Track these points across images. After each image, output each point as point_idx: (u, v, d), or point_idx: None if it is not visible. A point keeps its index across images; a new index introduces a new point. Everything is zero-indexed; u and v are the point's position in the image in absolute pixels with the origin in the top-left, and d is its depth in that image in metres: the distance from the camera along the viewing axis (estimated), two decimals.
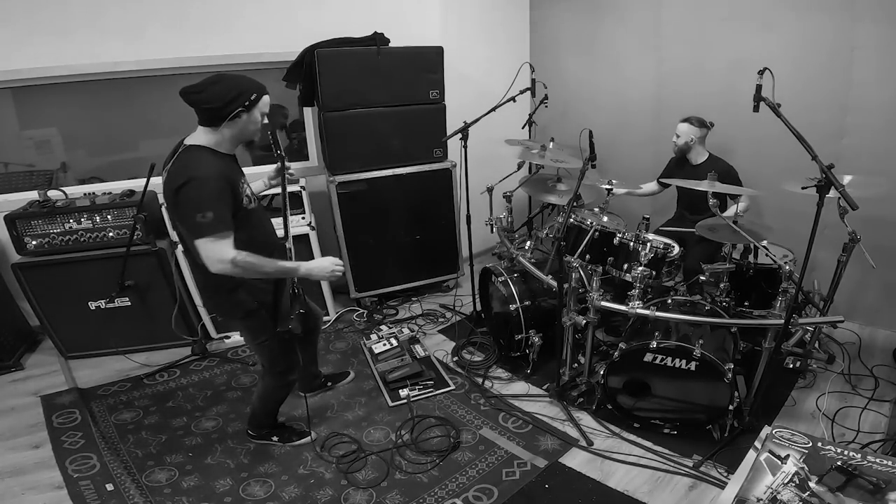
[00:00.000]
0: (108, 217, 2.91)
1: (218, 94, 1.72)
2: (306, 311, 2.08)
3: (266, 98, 1.82)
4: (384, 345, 3.02)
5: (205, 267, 1.80)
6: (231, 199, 1.77)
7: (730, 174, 2.85)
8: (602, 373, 2.34)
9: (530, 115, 3.94)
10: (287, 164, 2.07)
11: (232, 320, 2.18)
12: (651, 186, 3.39)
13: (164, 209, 2.88)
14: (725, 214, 2.44)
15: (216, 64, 3.28)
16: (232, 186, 1.78)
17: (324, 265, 1.96)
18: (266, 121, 1.86)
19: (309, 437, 2.37)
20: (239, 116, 1.76)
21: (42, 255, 2.88)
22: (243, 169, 1.99)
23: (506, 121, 3.55)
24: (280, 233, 2.06)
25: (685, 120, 3.00)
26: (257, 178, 2.23)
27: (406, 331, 3.24)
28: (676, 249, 2.62)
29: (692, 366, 2.16)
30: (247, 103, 1.75)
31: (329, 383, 2.76)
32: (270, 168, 2.20)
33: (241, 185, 1.85)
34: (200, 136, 1.80)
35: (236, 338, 3.26)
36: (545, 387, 2.70)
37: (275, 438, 2.36)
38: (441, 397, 2.67)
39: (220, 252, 1.71)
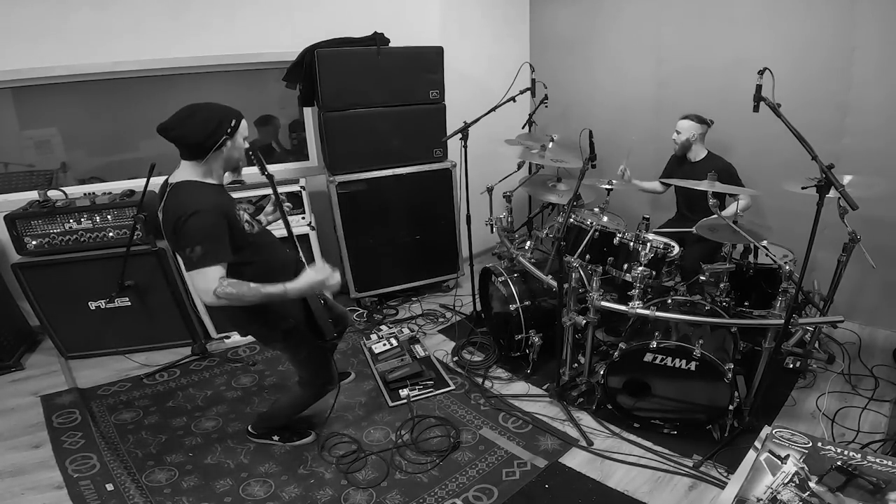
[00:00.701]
0: (108, 217, 2.91)
1: (197, 126, 1.71)
2: (335, 317, 2.09)
3: (244, 122, 1.82)
4: (384, 345, 3.02)
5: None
6: (228, 232, 1.73)
7: (728, 172, 2.85)
8: (602, 373, 2.34)
9: (530, 115, 3.94)
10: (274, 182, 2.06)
11: (273, 343, 2.18)
12: (654, 185, 3.38)
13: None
14: (725, 213, 2.43)
15: (216, 64, 3.29)
16: (229, 219, 1.75)
17: (316, 276, 1.76)
18: (247, 145, 1.86)
19: (309, 437, 2.37)
20: (224, 145, 1.75)
21: (42, 255, 2.88)
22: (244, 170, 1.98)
23: (506, 121, 3.55)
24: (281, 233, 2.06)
25: (685, 117, 3.01)
26: (253, 176, 2.23)
27: (406, 331, 3.24)
28: (676, 249, 2.61)
29: (692, 366, 2.16)
30: (229, 130, 1.75)
31: None
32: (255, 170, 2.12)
33: (238, 215, 1.82)
34: (187, 172, 1.77)
35: (236, 338, 3.26)
36: (545, 387, 2.70)
37: (275, 438, 2.36)
38: (441, 397, 2.67)
39: (204, 284, 1.66)
